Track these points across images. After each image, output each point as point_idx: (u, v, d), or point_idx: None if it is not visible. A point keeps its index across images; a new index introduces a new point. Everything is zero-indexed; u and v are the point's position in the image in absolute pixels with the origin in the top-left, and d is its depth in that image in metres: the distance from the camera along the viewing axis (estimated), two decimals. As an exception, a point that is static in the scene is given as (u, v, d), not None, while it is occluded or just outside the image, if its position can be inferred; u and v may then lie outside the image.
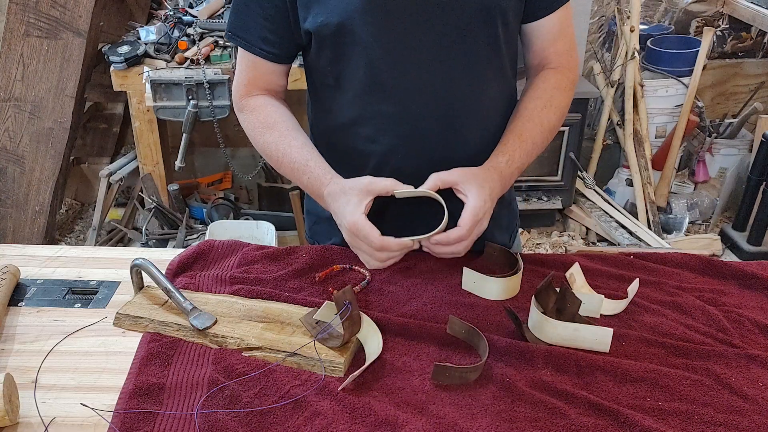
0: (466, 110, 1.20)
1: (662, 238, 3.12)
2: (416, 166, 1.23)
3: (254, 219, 2.87)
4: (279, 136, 1.21)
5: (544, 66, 1.26)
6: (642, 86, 3.29)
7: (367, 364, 1.01)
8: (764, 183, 2.97)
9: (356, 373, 0.98)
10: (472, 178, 1.10)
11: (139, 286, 1.19)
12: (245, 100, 1.27)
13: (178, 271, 1.25)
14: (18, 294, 1.20)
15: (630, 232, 3.11)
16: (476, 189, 1.08)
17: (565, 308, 1.08)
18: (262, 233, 2.70)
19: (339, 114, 1.24)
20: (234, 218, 2.95)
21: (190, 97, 2.62)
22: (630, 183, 3.37)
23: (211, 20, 2.81)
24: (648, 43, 3.35)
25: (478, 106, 1.21)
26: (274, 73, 1.25)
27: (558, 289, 1.09)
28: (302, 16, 1.15)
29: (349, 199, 1.08)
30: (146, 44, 2.71)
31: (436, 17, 1.12)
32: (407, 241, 1.07)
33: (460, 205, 1.09)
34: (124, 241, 3.04)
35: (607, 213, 3.26)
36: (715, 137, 3.47)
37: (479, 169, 1.14)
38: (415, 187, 1.10)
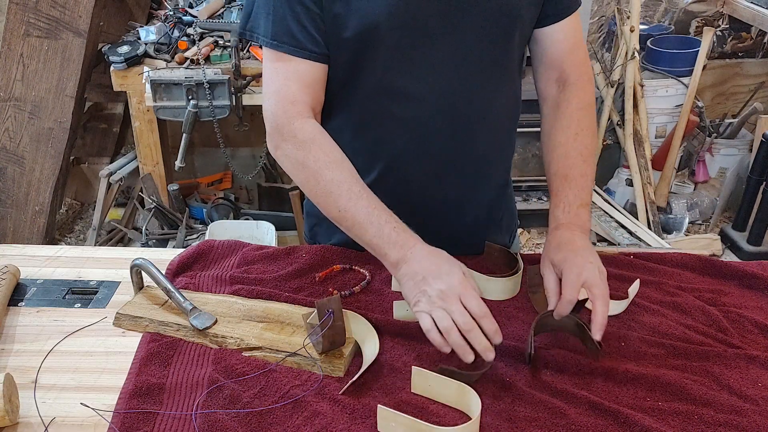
0: (478, 114, 1.20)
1: (662, 238, 3.12)
2: (424, 169, 1.23)
3: (254, 219, 2.87)
4: (351, 176, 1.11)
5: (564, 81, 1.24)
6: (642, 86, 3.29)
7: (363, 368, 1.01)
8: (764, 183, 2.97)
9: (354, 378, 0.99)
10: (553, 257, 1.07)
11: (139, 286, 1.19)
12: (300, 123, 1.13)
13: (178, 271, 1.25)
14: (18, 294, 1.20)
15: (630, 232, 3.11)
16: (567, 268, 1.05)
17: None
18: (262, 233, 2.70)
19: (347, 115, 1.22)
20: (234, 218, 2.95)
21: (190, 97, 2.62)
22: (630, 183, 3.37)
23: (211, 20, 2.81)
24: (648, 43, 3.35)
25: (489, 110, 1.21)
26: (320, 81, 1.16)
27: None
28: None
29: (453, 264, 1.04)
30: (146, 44, 2.71)
31: (457, 23, 1.11)
32: (498, 337, 0.99)
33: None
34: (124, 241, 3.04)
35: (607, 213, 3.25)
36: (715, 137, 3.47)
37: (550, 246, 1.10)
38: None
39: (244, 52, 2.74)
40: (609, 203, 3.32)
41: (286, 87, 1.13)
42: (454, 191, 1.26)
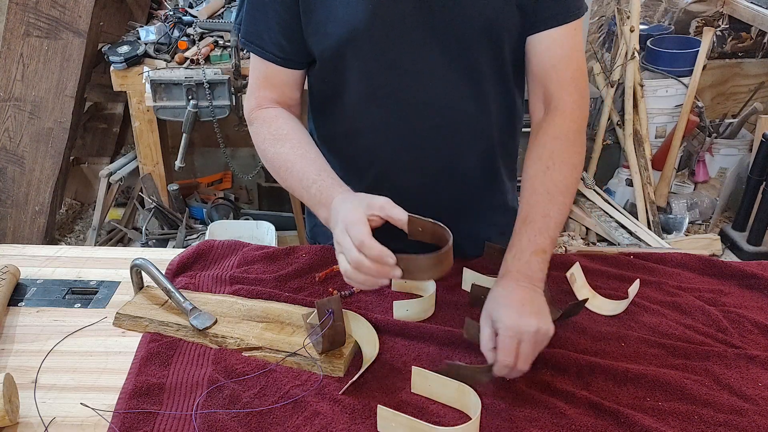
0: (467, 124, 1.18)
1: (662, 238, 3.12)
2: (416, 178, 1.23)
3: (254, 219, 2.87)
4: (291, 148, 1.14)
5: (548, 102, 1.14)
6: (642, 86, 3.29)
7: (363, 368, 1.01)
8: (764, 183, 2.97)
9: (354, 378, 0.99)
10: (491, 310, 0.99)
11: (139, 286, 1.19)
12: (257, 112, 1.21)
13: (178, 271, 1.25)
14: (18, 294, 1.20)
15: (630, 232, 3.11)
16: (499, 317, 0.97)
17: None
18: (262, 233, 2.70)
19: (338, 123, 1.22)
20: (234, 218, 2.95)
21: (190, 97, 2.62)
22: (630, 183, 3.37)
23: (211, 20, 2.81)
24: (648, 43, 3.35)
25: (478, 121, 1.19)
26: (288, 84, 1.20)
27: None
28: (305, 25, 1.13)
29: (358, 202, 1.00)
30: (146, 44, 2.71)
31: (440, 32, 1.10)
32: (389, 257, 0.94)
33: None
34: (124, 241, 3.04)
35: (607, 213, 3.25)
36: (715, 137, 3.47)
37: (491, 297, 1.02)
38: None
39: (244, 52, 2.73)
40: (609, 203, 3.32)
41: (256, 84, 1.21)
42: (449, 201, 1.26)
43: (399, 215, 0.98)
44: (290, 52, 1.16)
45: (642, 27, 3.37)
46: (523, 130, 1.32)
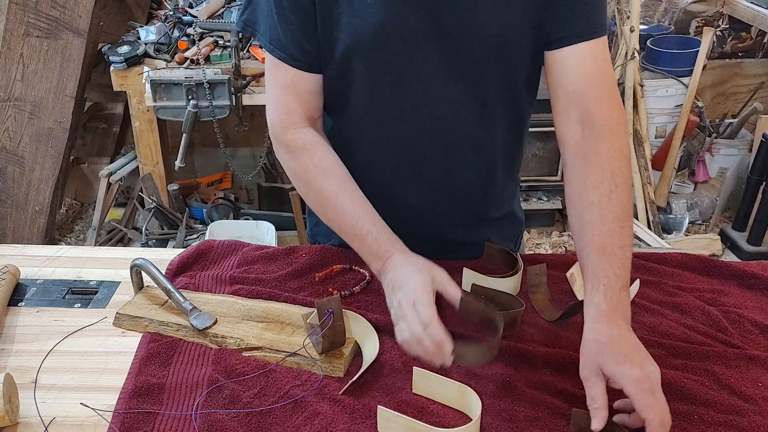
0: (472, 140, 1.17)
1: (662, 238, 3.12)
2: (412, 189, 1.22)
3: (254, 219, 2.87)
4: (338, 185, 1.13)
5: (589, 122, 1.07)
6: (642, 86, 3.29)
7: (363, 368, 1.01)
8: (764, 183, 2.97)
9: (354, 378, 0.99)
10: (601, 364, 0.90)
11: (139, 286, 1.19)
12: (292, 133, 1.15)
13: (178, 271, 1.25)
14: (18, 294, 1.20)
15: (630, 232, 3.11)
16: (619, 372, 0.89)
17: None
18: (262, 233, 2.70)
19: (342, 128, 1.22)
20: (234, 218, 2.95)
21: (190, 97, 2.62)
22: (630, 183, 3.37)
23: (211, 20, 2.81)
24: (648, 43, 3.35)
25: (484, 137, 1.18)
26: (312, 92, 1.16)
27: None
28: None
29: (425, 275, 1.01)
30: (146, 44, 2.71)
31: (448, 47, 1.07)
32: (448, 346, 0.94)
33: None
34: (124, 241, 3.04)
35: (607, 213, 3.25)
36: (715, 137, 3.47)
37: (595, 345, 0.92)
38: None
39: (244, 52, 2.74)
40: (609, 203, 3.31)
41: (282, 97, 1.16)
42: (448, 211, 1.25)
43: (453, 294, 1.01)
44: (312, 56, 1.13)
45: (642, 27, 3.37)
46: (530, 129, 1.31)
